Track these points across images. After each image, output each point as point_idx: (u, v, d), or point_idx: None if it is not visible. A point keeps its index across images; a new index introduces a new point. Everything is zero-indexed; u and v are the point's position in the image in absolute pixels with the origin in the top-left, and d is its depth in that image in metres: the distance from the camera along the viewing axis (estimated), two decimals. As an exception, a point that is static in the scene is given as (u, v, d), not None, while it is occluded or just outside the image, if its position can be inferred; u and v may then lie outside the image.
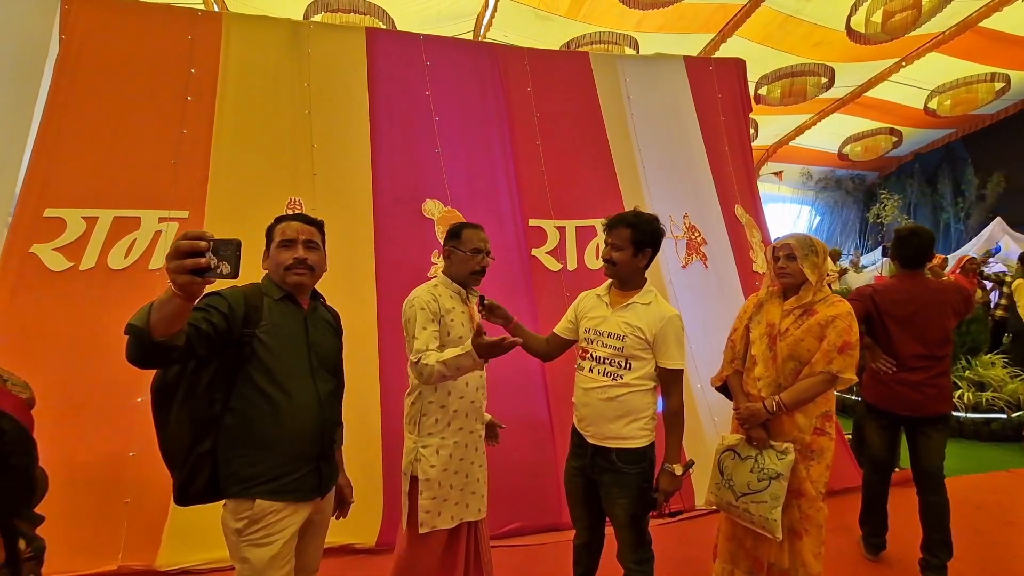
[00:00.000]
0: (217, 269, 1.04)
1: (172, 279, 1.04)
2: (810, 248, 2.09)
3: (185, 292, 1.06)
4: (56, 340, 2.71)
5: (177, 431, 1.40)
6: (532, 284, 3.50)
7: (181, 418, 1.39)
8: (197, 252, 1.02)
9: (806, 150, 10.99)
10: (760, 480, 2.02)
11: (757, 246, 4.11)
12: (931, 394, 2.50)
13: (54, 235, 2.87)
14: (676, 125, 4.17)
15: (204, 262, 1.02)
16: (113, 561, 2.43)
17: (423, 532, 1.79)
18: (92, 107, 3.11)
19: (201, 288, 1.08)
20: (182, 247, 1.02)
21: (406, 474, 1.85)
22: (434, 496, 1.80)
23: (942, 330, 2.53)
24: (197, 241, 1.02)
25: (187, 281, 1.03)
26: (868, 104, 9.03)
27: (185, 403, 1.39)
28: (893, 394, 2.56)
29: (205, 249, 1.02)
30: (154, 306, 1.10)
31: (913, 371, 2.52)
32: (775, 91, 8.18)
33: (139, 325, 1.10)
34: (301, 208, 3.19)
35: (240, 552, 1.41)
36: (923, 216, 11.09)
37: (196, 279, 1.04)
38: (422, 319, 1.81)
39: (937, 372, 2.51)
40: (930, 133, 10.37)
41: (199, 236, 1.02)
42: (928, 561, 2.53)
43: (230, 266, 1.06)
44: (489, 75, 3.87)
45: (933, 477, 2.53)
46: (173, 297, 1.07)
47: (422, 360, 1.74)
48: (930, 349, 2.52)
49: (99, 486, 2.54)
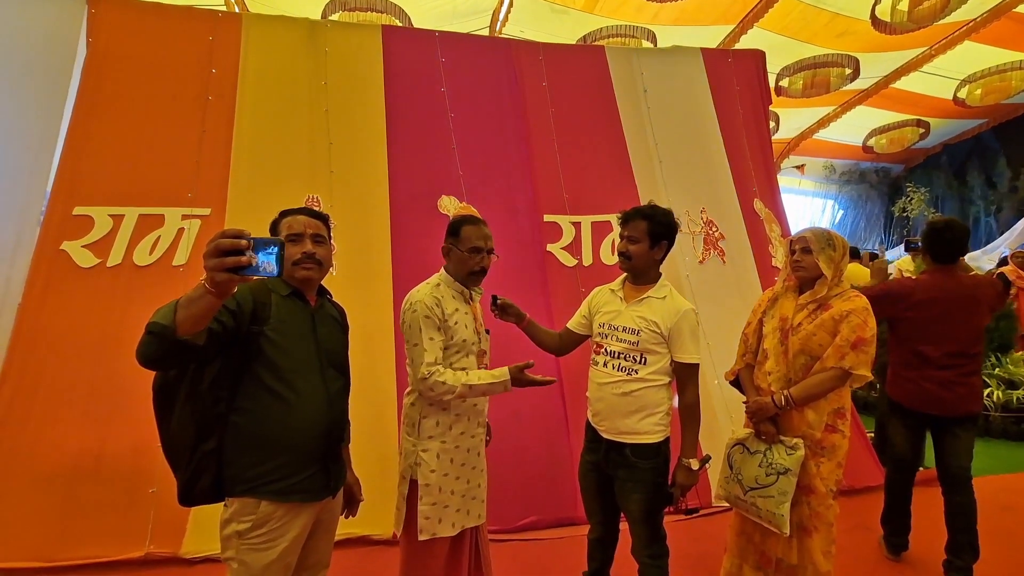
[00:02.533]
0: (261, 268, 1.05)
1: (211, 276, 1.04)
2: (827, 242, 2.05)
3: (220, 290, 1.06)
4: (85, 334, 2.80)
5: (180, 430, 1.37)
6: (547, 280, 3.50)
7: (184, 417, 1.36)
8: (238, 250, 1.02)
9: (829, 143, 10.75)
10: (768, 475, 2.00)
11: (776, 241, 4.04)
12: (961, 393, 2.42)
13: (83, 233, 2.96)
14: (693, 119, 4.11)
15: (246, 260, 1.03)
16: (140, 548, 2.51)
17: (423, 539, 1.73)
18: (118, 108, 3.20)
19: (234, 286, 1.09)
20: (223, 246, 1.02)
21: (404, 478, 1.79)
22: (435, 502, 1.74)
23: (975, 328, 2.46)
24: (237, 239, 1.02)
25: (226, 279, 1.04)
26: (894, 96, 8.78)
27: (188, 402, 1.36)
28: (921, 392, 2.47)
29: (246, 248, 1.03)
30: (180, 303, 1.09)
31: (944, 369, 2.42)
32: (797, 83, 8.01)
33: (164, 323, 1.09)
34: (319, 205, 3.24)
35: (238, 554, 1.37)
36: (951, 210, 10.77)
37: (234, 277, 1.04)
38: (427, 328, 1.72)
39: (969, 371, 2.43)
40: (959, 124, 10.05)
41: (238, 234, 1.02)
42: (952, 563, 2.47)
43: (275, 265, 1.06)
44: (504, 71, 3.87)
45: (959, 478, 2.46)
46: (205, 294, 1.07)
47: (435, 377, 1.68)
48: (963, 347, 2.43)
49: (126, 476, 2.62)
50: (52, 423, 2.66)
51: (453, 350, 1.78)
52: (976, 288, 2.49)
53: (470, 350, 1.83)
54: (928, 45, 7.44)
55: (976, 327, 2.47)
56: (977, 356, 2.48)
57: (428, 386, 1.70)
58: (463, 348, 1.80)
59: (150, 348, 1.11)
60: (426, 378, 1.70)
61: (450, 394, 1.70)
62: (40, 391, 2.69)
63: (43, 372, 2.72)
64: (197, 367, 1.37)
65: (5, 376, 2.68)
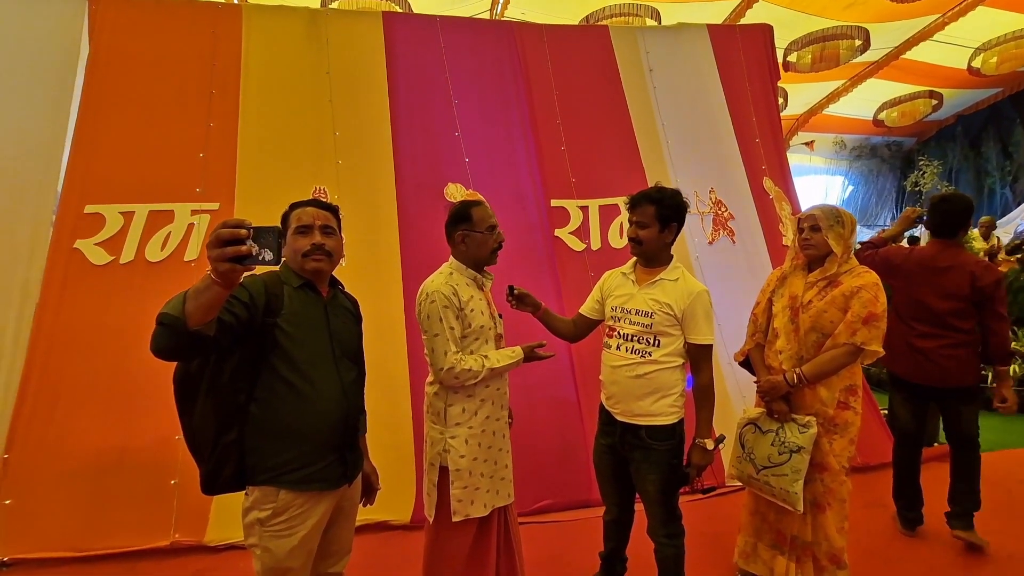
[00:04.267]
0: (259, 256, 1.05)
1: (214, 267, 1.05)
2: (836, 219, 2.03)
3: (225, 280, 1.07)
4: (102, 331, 2.84)
5: (202, 422, 1.39)
6: (556, 265, 3.49)
7: (206, 409, 1.38)
8: (238, 240, 1.03)
9: (839, 118, 10.54)
10: (781, 453, 2.00)
11: (787, 219, 4.00)
12: (946, 366, 2.47)
13: (95, 231, 2.99)
14: (700, 97, 4.05)
15: (246, 249, 1.03)
16: (166, 537, 2.58)
17: (456, 520, 1.77)
18: (123, 105, 3.21)
19: (240, 276, 1.08)
20: (223, 235, 1.02)
21: (433, 465, 1.82)
22: (466, 486, 1.78)
23: (952, 301, 2.46)
24: (237, 229, 1.03)
25: (228, 269, 1.04)
26: (906, 67, 8.56)
27: (210, 394, 1.38)
28: (908, 362, 2.57)
29: (246, 237, 1.03)
30: (189, 295, 1.10)
31: (924, 338, 2.51)
32: (805, 57, 7.83)
33: (174, 314, 1.10)
34: (326, 196, 3.24)
35: (261, 541, 1.41)
36: (965, 182, 10.55)
37: (237, 267, 1.04)
38: (447, 318, 1.74)
39: (952, 343, 2.47)
40: (974, 94, 9.79)
41: (238, 224, 1.03)
42: (953, 511, 2.57)
43: (272, 253, 1.06)
44: (507, 54, 3.82)
45: (966, 439, 2.57)
46: (212, 285, 1.08)
47: (460, 366, 1.72)
48: (938, 319, 2.49)
49: (149, 468, 2.68)
50: (76, 419, 2.72)
51: (472, 337, 1.80)
52: (964, 266, 2.45)
53: (488, 336, 1.85)
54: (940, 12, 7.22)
55: (954, 300, 2.45)
56: (962, 331, 2.46)
57: (454, 375, 1.73)
58: (481, 334, 1.82)
59: (162, 339, 1.13)
60: (452, 368, 1.72)
61: (475, 379, 1.75)
62: (62, 388, 2.75)
63: (64, 370, 2.78)
64: (217, 360, 1.38)
65: (28, 375, 2.74)
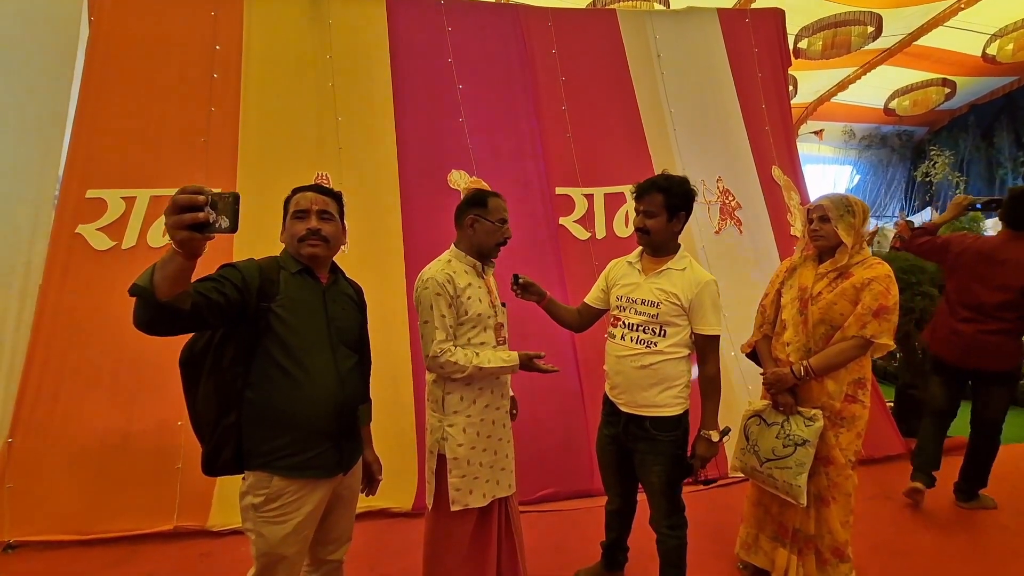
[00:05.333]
0: (216, 223, 1.01)
1: (171, 235, 1.01)
2: (846, 209, 1.98)
3: (185, 249, 1.03)
4: (106, 316, 2.83)
5: (204, 404, 1.41)
6: (560, 254, 3.46)
7: (208, 391, 1.40)
8: (195, 207, 0.99)
9: (849, 106, 10.35)
10: (785, 446, 1.98)
11: (795, 209, 3.94)
12: (985, 349, 2.61)
13: (97, 215, 2.98)
14: (709, 83, 3.98)
15: (203, 216, 0.99)
16: (169, 521, 2.59)
17: (455, 510, 1.76)
18: (124, 88, 3.17)
19: (201, 244, 1.04)
20: (179, 201, 0.98)
21: (432, 452, 1.81)
22: (463, 474, 1.77)
23: (1003, 293, 2.58)
24: (195, 195, 0.99)
25: (186, 237, 1.00)
26: (918, 54, 8.38)
27: (211, 377, 1.40)
28: (948, 343, 2.72)
29: (203, 203, 0.99)
30: (157, 266, 1.09)
31: (965, 322, 2.66)
32: (816, 43, 7.66)
33: (142, 285, 1.09)
34: (328, 182, 3.21)
35: (255, 526, 1.42)
36: (976, 173, 10.39)
37: (195, 235, 1.01)
38: (439, 305, 1.72)
39: (992, 329, 2.60)
40: (988, 82, 9.59)
41: (197, 190, 0.99)
42: (959, 485, 2.74)
43: (228, 220, 1.02)
44: (512, 38, 3.76)
45: (989, 423, 2.71)
46: (175, 256, 1.05)
47: (446, 356, 1.69)
48: (983, 305, 2.62)
49: (152, 453, 2.69)
50: (79, 403, 2.72)
51: (469, 325, 1.77)
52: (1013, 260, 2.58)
53: (487, 324, 1.81)
54: (957, -3, 7.05)
55: (1002, 295, 2.58)
56: (1005, 320, 2.58)
57: (439, 364, 1.71)
58: (479, 322, 1.79)
59: (138, 311, 1.12)
60: (437, 356, 1.70)
61: (460, 373, 1.71)
62: (65, 373, 2.75)
63: (67, 355, 2.78)
64: (219, 344, 1.39)
65: (31, 359, 2.75)
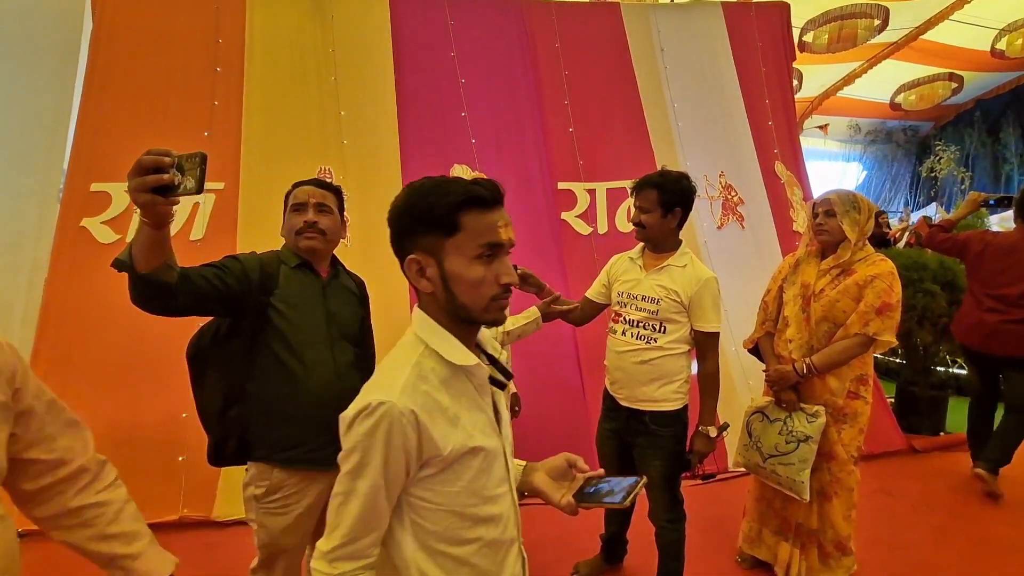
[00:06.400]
0: (180, 186, 0.95)
1: (133, 199, 0.97)
2: (852, 204, 1.98)
3: (149, 215, 1.00)
4: (111, 309, 2.85)
5: (210, 396, 1.44)
6: (562, 249, 3.46)
7: (213, 384, 1.43)
8: (160, 168, 0.94)
9: (854, 101, 10.27)
10: (788, 443, 1.99)
11: (798, 205, 3.93)
12: (1007, 338, 2.77)
13: (101, 209, 2.99)
14: (712, 78, 3.96)
15: (167, 178, 0.94)
16: (174, 512, 2.63)
17: None
18: (128, 82, 3.17)
19: (166, 210, 1.01)
20: (144, 163, 0.94)
21: None
22: None
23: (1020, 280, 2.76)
24: (161, 157, 0.94)
25: (149, 200, 0.96)
26: (925, 48, 8.30)
27: (216, 370, 1.43)
28: (974, 333, 2.90)
29: (169, 165, 0.94)
30: (133, 240, 1.10)
31: (990, 312, 2.82)
32: (822, 37, 7.58)
33: (121, 258, 1.10)
34: (331, 177, 3.22)
35: (258, 517, 1.45)
36: (982, 168, 10.31)
37: (158, 198, 0.96)
38: None
39: (1015, 319, 2.75)
40: (995, 77, 9.50)
41: (164, 152, 0.94)
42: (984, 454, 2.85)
43: (194, 181, 0.95)
44: (515, 32, 3.74)
45: (1012, 407, 2.86)
46: (143, 226, 1.04)
47: None
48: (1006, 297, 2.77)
49: (157, 445, 2.72)
50: (86, 395, 2.75)
51: None
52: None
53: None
54: (965, -9, 6.98)
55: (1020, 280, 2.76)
56: None
57: None
58: None
59: (129, 287, 1.14)
60: None
61: None
62: (72, 366, 2.78)
63: (73, 347, 2.80)
64: (225, 337, 1.41)
65: (38, 352, 2.77)
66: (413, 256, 0.84)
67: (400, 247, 0.87)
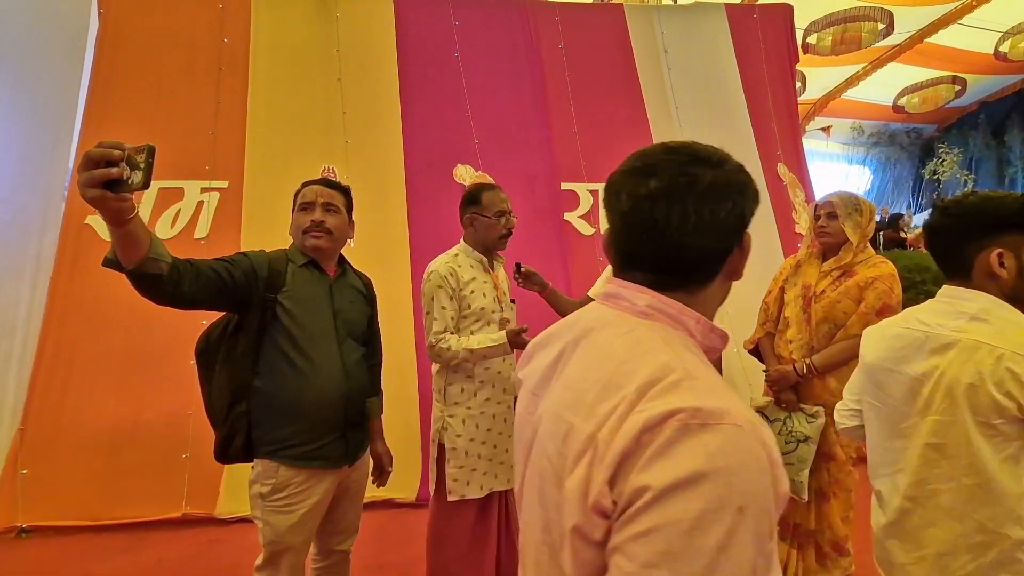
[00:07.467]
0: (128, 180, 0.92)
1: (82, 194, 0.92)
2: (854, 207, 1.98)
3: (101, 210, 0.95)
4: (116, 307, 2.87)
5: (217, 392, 1.44)
6: (565, 249, 3.47)
7: (221, 380, 1.43)
8: (110, 162, 0.90)
9: (858, 103, 10.27)
10: (788, 443, 2.00)
11: (800, 206, 3.94)
12: None
13: (106, 207, 3.00)
14: (716, 79, 3.97)
15: (115, 173, 0.90)
16: (178, 509, 2.64)
17: (452, 500, 1.79)
18: (133, 81, 3.20)
19: (118, 205, 0.96)
20: (92, 156, 0.90)
21: (434, 441, 1.86)
22: (461, 465, 1.80)
23: None
24: (110, 150, 0.90)
25: (97, 195, 0.91)
26: (929, 51, 8.30)
27: (225, 365, 1.43)
28: None
29: (119, 159, 0.90)
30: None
31: None
32: (826, 39, 7.58)
33: (110, 256, 1.10)
34: (335, 175, 3.23)
35: (263, 514, 1.45)
36: (986, 172, 10.30)
37: (107, 193, 0.92)
38: (440, 298, 1.76)
39: None
40: (999, 80, 9.48)
41: (114, 145, 0.91)
42: None
43: (141, 175, 0.91)
44: (520, 33, 3.76)
45: None
46: (108, 224, 1.01)
47: (441, 344, 1.74)
48: None
49: (161, 442, 2.74)
50: (90, 392, 2.77)
51: (472, 319, 1.80)
52: None
53: (490, 318, 1.84)
54: (969, -6, 6.97)
55: None
56: None
57: (435, 353, 1.78)
58: (482, 316, 1.81)
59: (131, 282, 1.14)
60: (433, 345, 1.77)
61: (454, 359, 1.76)
62: (76, 362, 2.80)
63: (78, 344, 2.82)
64: (233, 333, 1.43)
65: (42, 348, 2.79)
66: None
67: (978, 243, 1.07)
